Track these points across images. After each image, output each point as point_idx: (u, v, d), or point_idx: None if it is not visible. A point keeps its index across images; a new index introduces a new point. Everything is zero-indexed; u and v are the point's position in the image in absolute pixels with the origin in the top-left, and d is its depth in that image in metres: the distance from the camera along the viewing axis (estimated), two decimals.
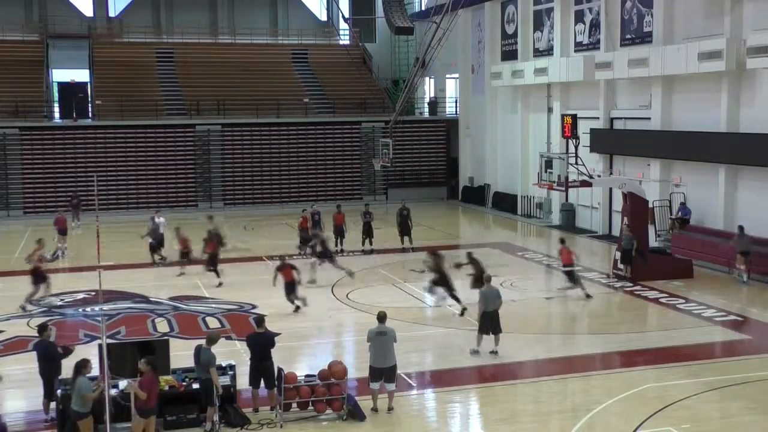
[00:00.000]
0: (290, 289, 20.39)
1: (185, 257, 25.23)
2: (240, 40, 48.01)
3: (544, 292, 22.79)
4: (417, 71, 39.99)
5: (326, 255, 24.35)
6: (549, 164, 33.15)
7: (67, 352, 13.83)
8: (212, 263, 24.05)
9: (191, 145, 41.31)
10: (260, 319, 14.58)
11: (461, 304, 19.99)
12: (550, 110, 34.83)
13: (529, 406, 14.57)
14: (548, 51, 35.26)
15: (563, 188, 31.71)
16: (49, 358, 13.64)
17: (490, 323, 16.75)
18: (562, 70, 33.06)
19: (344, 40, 51.84)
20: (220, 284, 23.51)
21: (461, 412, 14.64)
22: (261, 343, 14.12)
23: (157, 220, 27.40)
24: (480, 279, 18.94)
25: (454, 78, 45.51)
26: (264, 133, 42.01)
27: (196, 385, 13.36)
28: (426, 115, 47.56)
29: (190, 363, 13.71)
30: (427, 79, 47.63)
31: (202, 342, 13.60)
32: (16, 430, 12.96)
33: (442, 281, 20.46)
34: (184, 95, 43.48)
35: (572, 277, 21.91)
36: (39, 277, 21.30)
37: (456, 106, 45.31)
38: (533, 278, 24.82)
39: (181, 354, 14.48)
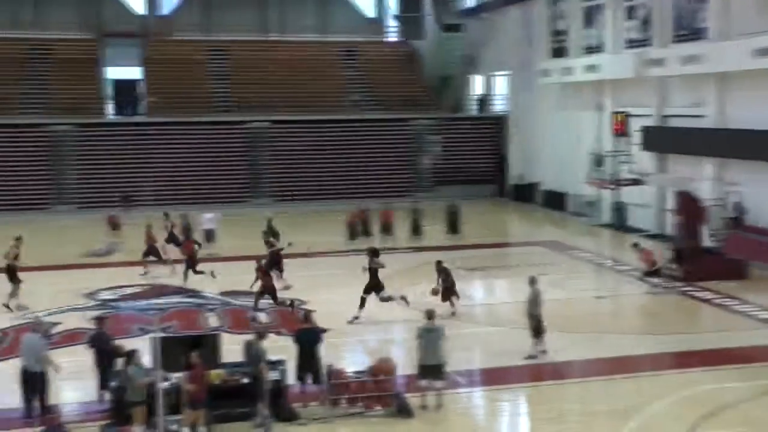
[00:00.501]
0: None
1: (150, 255, 25.09)
2: (289, 38, 48.32)
3: (594, 292, 22.56)
4: (465, 68, 39.84)
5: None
6: (599, 162, 32.92)
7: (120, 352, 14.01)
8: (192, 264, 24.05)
9: (241, 142, 41.68)
10: (308, 314, 14.66)
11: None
12: (600, 108, 34.45)
13: (576, 405, 14.45)
14: (599, 48, 34.86)
15: (614, 186, 31.37)
16: (105, 350, 13.90)
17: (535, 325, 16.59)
18: (612, 67, 32.67)
19: (392, 37, 51.87)
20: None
21: (509, 411, 14.58)
22: (308, 339, 14.20)
23: (206, 216, 27.74)
24: (450, 290, 19.27)
25: (503, 75, 45.24)
26: (312, 130, 42.20)
27: (245, 380, 13.50)
28: (475, 112, 47.36)
29: (240, 357, 13.84)
30: (476, 76, 47.43)
31: (252, 337, 13.76)
32: (72, 420, 13.18)
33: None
34: (234, 92, 43.89)
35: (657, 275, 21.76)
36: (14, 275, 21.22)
37: (505, 104, 45.06)
38: (583, 277, 24.58)
39: (231, 348, 14.64)
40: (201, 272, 23.54)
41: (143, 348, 13.46)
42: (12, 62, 42.88)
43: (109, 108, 43.61)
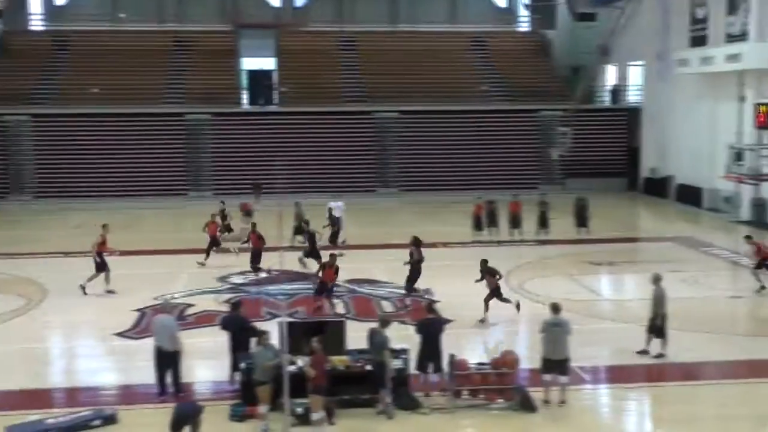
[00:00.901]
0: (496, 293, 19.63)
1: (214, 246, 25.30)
2: (419, 29, 48.43)
3: (730, 291, 21.64)
4: (599, 58, 38.86)
5: None
6: (739, 156, 31.48)
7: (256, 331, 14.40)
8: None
9: (369, 132, 42.14)
10: (432, 305, 14.69)
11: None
12: (742, 99, 32.90)
13: (709, 409, 13.93)
14: (742, 36, 33.28)
15: (754, 181, 29.96)
16: (240, 333, 14.34)
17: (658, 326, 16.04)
18: (757, 56, 31.15)
19: (523, 27, 51.18)
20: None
21: (635, 410, 14.21)
22: (431, 329, 14.24)
23: (332, 204, 28.18)
24: (494, 292, 18.61)
25: (637, 65, 43.90)
26: (440, 120, 42.19)
27: (369, 367, 13.68)
28: (607, 103, 46.17)
29: (364, 344, 14.02)
30: (609, 66, 46.22)
31: (376, 325, 13.92)
32: (204, 398, 13.69)
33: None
34: (364, 83, 44.40)
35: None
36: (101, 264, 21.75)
37: (639, 95, 43.72)
38: (718, 275, 23.62)
39: (356, 336, 14.86)
40: (260, 269, 23.38)
41: (272, 332, 13.84)
42: (157, 54, 44.84)
43: (244, 98, 44.93)
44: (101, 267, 21.54)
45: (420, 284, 21.55)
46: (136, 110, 40.70)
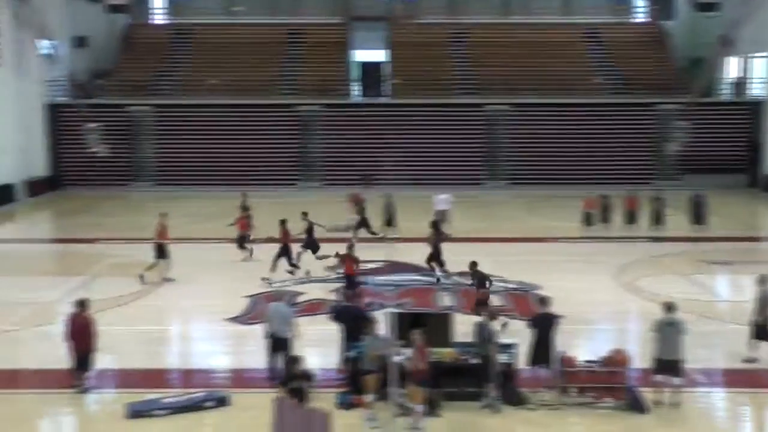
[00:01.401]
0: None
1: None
2: (532, 20, 47.79)
3: None
4: (720, 50, 37.41)
5: None
6: None
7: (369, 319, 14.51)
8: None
9: (479, 125, 41.89)
10: (545, 300, 14.49)
11: None
12: None
13: None
14: None
15: None
16: (355, 323, 14.45)
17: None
18: None
19: (640, 17, 49.78)
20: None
21: (753, 417, 13.68)
22: (545, 324, 14.06)
23: (439, 197, 28.16)
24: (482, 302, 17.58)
25: (762, 57, 42.06)
26: (552, 113, 41.55)
27: (475, 360, 13.64)
28: (728, 97, 44.44)
29: (471, 337, 13.99)
30: (730, 58, 44.45)
31: (483, 318, 13.86)
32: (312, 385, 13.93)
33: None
34: (475, 75, 44.15)
35: None
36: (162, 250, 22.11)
37: (763, 88, 41.89)
38: None
39: (463, 328, 14.82)
40: (295, 266, 22.70)
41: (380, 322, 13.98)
42: (271, 46, 45.81)
43: (355, 90, 45.37)
44: (162, 255, 22.06)
45: (527, 278, 21.36)
46: (250, 101, 41.72)
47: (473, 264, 18.38)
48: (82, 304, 14.39)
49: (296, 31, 47.18)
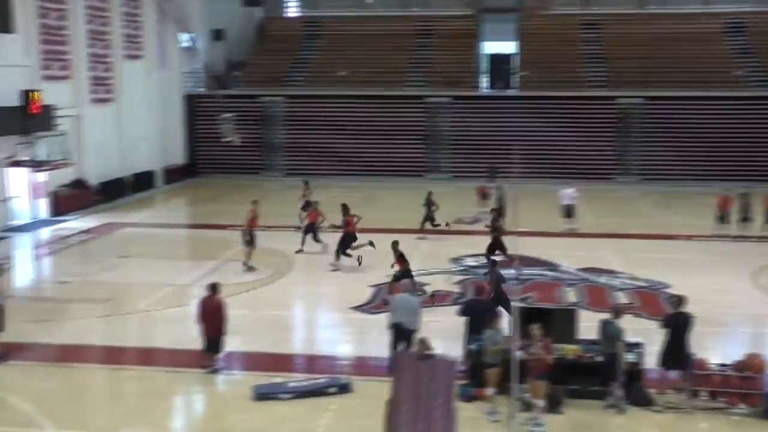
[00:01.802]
0: None
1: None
2: (668, 11, 46.15)
3: None
4: None
5: None
6: None
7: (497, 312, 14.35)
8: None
9: (610, 119, 40.84)
10: (681, 299, 13.96)
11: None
12: None
13: None
14: None
15: None
16: (481, 316, 14.33)
17: None
18: None
19: None
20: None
21: None
22: (678, 324, 13.57)
23: (564, 191, 27.67)
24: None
25: None
26: (688, 107, 40.01)
27: (600, 358, 13.35)
28: None
29: (595, 335, 13.70)
30: None
31: (608, 316, 13.55)
32: None
33: None
34: (607, 68, 43.04)
35: None
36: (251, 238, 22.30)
37: None
38: None
39: (587, 325, 14.53)
40: (348, 255, 22.55)
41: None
42: (400, 38, 46.05)
43: (484, 81, 45.06)
44: (251, 242, 22.38)
45: (657, 276, 20.77)
46: (379, 92, 42.10)
47: (492, 262, 17.64)
48: (213, 288, 14.93)
49: (426, 23, 47.24)
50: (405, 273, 19.05)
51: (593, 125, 40.72)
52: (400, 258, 19.27)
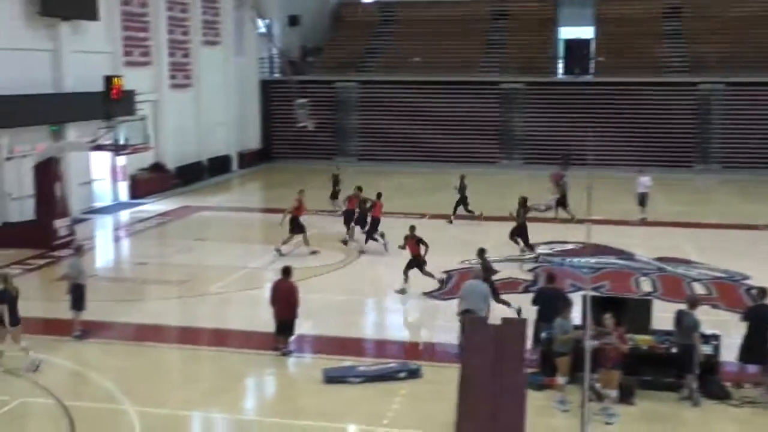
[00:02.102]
0: None
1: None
2: None
3: None
4: None
5: None
6: None
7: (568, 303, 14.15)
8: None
9: (691, 104, 39.83)
10: (764, 291, 13.54)
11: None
12: None
13: None
14: None
15: None
16: (554, 304, 14.16)
17: None
18: None
19: None
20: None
21: None
22: (760, 317, 13.18)
23: (642, 179, 27.13)
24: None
25: None
26: None
27: (675, 350, 13.09)
28: None
29: (670, 325, 13.43)
30: None
31: (684, 306, 13.26)
32: None
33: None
34: (688, 52, 41.93)
35: None
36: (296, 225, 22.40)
37: None
38: None
39: (662, 316, 14.26)
40: (375, 239, 22.91)
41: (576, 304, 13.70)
42: (475, 23, 45.68)
43: (559, 67, 44.39)
44: (298, 229, 22.50)
45: (736, 267, 20.24)
46: (453, 78, 41.89)
47: (481, 251, 17.22)
48: (286, 272, 15.12)
49: (501, 8, 46.73)
50: (415, 258, 18.99)
51: (672, 111, 39.79)
52: (416, 242, 19.15)
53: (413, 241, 19.19)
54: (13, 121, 24.85)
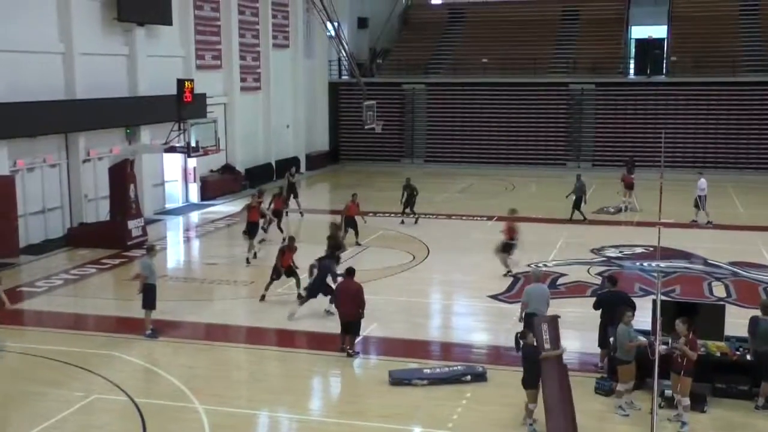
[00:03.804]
0: None
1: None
2: None
3: None
4: None
5: None
6: None
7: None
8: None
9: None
10: None
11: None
12: None
13: None
14: None
15: None
16: (616, 309, 13.85)
17: None
18: None
19: None
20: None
21: None
22: None
23: (700, 182, 26.48)
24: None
25: None
26: None
27: (749, 357, 12.73)
28: None
29: (745, 332, 13.07)
30: None
31: (758, 312, 12.89)
32: (570, 369, 13.67)
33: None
34: (766, 50, 40.74)
35: None
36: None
37: None
38: None
39: (736, 322, 13.88)
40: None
41: (645, 309, 13.43)
42: (545, 24, 45.25)
43: (631, 67, 43.62)
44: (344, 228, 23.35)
45: None
46: (522, 80, 41.55)
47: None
48: (350, 273, 15.19)
49: (571, 7, 46.16)
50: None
51: (751, 111, 38.70)
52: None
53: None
54: (90, 125, 25.58)
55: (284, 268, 18.48)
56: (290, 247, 18.79)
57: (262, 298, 18.50)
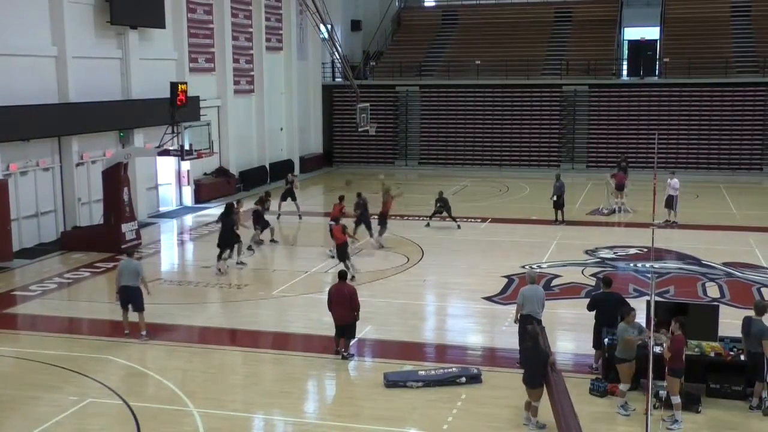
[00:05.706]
0: None
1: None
2: None
3: None
4: None
5: None
6: None
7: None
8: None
9: (760, 105, 38.82)
10: None
11: None
12: None
13: None
14: None
15: None
16: (614, 309, 13.84)
17: None
18: None
19: None
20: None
21: None
22: None
23: (670, 181, 26.48)
24: None
25: None
26: None
27: (743, 357, 12.76)
28: None
29: (738, 332, 13.10)
30: None
31: (752, 313, 12.92)
32: (564, 370, 13.69)
33: None
34: (757, 51, 40.89)
35: None
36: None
37: None
38: None
39: (730, 323, 13.90)
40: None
41: (639, 309, 13.45)
42: (537, 26, 45.34)
43: (624, 69, 43.71)
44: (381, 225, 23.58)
45: None
46: (515, 82, 41.61)
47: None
48: (342, 276, 15.19)
49: (564, 9, 46.28)
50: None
51: (741, 112, 38.85)
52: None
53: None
54: (83, 128, 25.53)
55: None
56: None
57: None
